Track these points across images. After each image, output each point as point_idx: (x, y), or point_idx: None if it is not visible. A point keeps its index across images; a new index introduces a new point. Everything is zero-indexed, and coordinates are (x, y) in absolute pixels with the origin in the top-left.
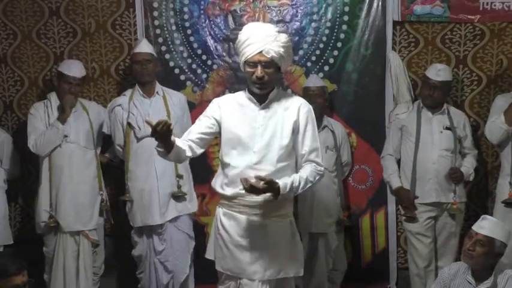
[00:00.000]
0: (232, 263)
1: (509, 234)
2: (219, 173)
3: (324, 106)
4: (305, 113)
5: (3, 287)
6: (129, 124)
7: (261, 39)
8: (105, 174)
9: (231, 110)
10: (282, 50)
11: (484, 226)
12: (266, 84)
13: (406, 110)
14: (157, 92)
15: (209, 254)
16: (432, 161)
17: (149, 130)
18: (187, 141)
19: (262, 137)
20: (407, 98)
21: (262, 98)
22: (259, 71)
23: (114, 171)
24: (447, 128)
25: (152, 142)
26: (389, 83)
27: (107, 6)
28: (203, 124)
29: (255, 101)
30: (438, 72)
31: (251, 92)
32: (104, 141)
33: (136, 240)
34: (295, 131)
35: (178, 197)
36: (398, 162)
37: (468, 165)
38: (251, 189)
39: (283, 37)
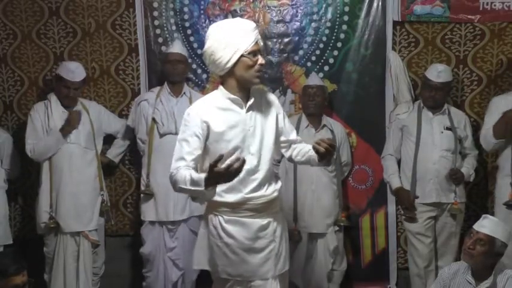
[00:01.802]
0: (243, 267)
1: (509, 234)
2: None
3: (322, 105)
4: (277, 103)
5: (4, 287)
6: (153, 119)
7: (252, 30)
8: (106, 174)
9: (217, 119)
10: None
11: (485, 225)
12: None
13: (407, 110)
14: (184, 93)
15: (201, 264)
16: (433, 162)
17: (172, 127)
18: (187, 168)
19: (255, 137)
20: (407, 98)
21: (244, 98)
22: (261, 59)
23: (115, 171)
24: (448, 128)
25: (173, 140)
26: (390, 83)
27: (107, 6)
28: (194, 147)
29: (241, 102)
30: (439, 74)
31: (233, 93)
32: (105, 142)
33: (145, 237)
34: (277, 123)
35: (195, 197)
36: (399, 162)
37: (468, 166)
38: (326, 153)
39: None
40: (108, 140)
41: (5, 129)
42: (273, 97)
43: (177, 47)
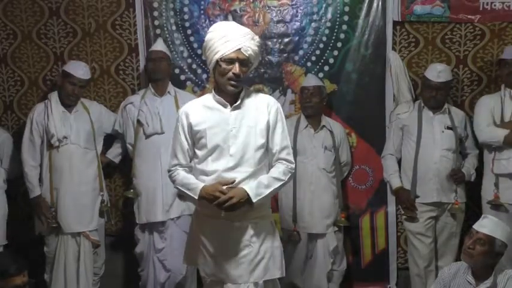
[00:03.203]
0: (216, 268)
1: (509, 234)
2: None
3: (320, 105)
4: (274, 112)
5: (4, 287)
6: (138, 121)
7: (239, 37)
8: (106, 174)
9: (200, 116)
10: (256, 49)
11: (485, 225)
12: (240, 82)
13: (407, 109)
14: (168, 92)
15: (188, 261)
16: (434, 161)
17: (157, 127)
18: (185, 170)
19: (237, 139)
20: (408, 98)
21: (232, 99)
22: (237, 68)
23: (115, 172)
24: (448, 128)
25: (159, 140)
26: (390, 83)
27: (107, 6)
28: (185, 146)
29: (224, 102)
30: (439, 74)
31: (220, 94)
32: (105, 142)
33: (139, 237)
34: (267, 130)
35: (183, 196)
36: (399, 161)
37: (469, 166)
38: (224, 208)
39: (257, 37)
40: (108, 140)
41: (5, 129)
42: (267, 103)
43: (159, 45)
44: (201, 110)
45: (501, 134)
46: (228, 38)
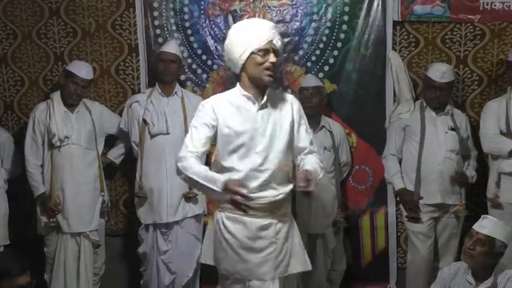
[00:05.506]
0: (241, 265)
1: (509, 234)
2: None
3: (320, 106)
4: (297, 109)
5: (8, 287)
6: (144, 121)
7: (270, 29)
8: (107, 175)
9: (228, 113)
10: (281, 45)
11: (485, 225)
12: (276, 73)
13: (408, 109)
14: (175, 92)
15: (207, 258)
16: (437, 162)
17: (163, 127)
18: (197, 158)
19: (264, 137)
20: (408, 97)
21: (258, 96)
22: (273, 57)
23: (115, 172)
24: (451, 129)
25: (164, 140)
26: (390, 83)
27: (107, 6)
28: (204, 135)
29: (253, 99)
30: (443, 75)
31: (247, 90)
32: (107, 143)
33: (142, 237)
34: (292, 128)
35: (190, 197)
36: (400, 162)
37: (471, 168)
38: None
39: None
40: (110, 141)
41: (5, 129)
42: (291, 102)
43: (172, 47)
44: (228, 106)
45: (508, 147)
46: (259, 31)
